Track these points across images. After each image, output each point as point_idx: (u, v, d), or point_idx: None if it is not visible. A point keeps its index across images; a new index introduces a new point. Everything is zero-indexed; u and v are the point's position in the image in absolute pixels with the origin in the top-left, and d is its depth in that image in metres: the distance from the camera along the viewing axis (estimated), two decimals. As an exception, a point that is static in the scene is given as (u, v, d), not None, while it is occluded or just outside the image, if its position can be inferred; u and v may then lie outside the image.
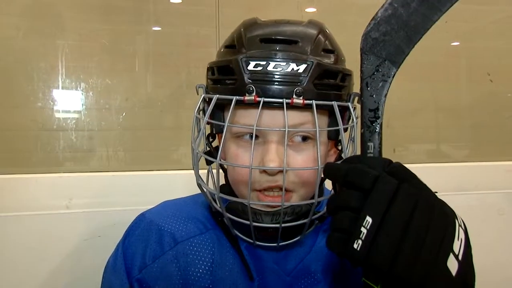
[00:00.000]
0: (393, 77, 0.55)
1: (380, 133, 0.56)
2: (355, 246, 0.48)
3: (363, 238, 0.47)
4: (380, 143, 0.56)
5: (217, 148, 0.84)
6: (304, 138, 0.76)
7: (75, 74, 1.42)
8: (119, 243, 0.86)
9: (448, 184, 1.56)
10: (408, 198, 0.49)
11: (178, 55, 1.50)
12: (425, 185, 0.53)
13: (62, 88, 1.41)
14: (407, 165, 0.54)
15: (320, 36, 0.78)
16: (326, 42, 0.78)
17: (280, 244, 0.77)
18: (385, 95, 0.55)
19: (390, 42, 0.55)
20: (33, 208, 1.27)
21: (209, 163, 0.83)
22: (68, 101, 1.43)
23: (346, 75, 0.77)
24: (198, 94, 0.80)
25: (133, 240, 0.83)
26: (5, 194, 1.27)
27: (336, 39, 0.83)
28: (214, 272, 0.79)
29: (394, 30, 0.54)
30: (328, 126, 0.78)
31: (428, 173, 1.56)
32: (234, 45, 0.78)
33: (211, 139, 0.85)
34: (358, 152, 0.60)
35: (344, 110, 0.77)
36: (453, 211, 0.54)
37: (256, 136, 0.74)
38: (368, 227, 0.48)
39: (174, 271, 0.79)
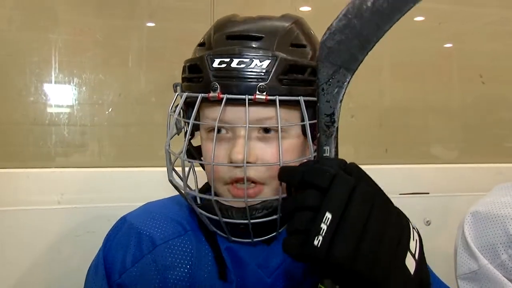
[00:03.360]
0: (348, 83, 0.57)
1: (336, 137, 0.57)
2: (315, 243, 0.47)
3: (323, 234, 0.47)
4: (337, 147, 0.57)
5: (197, 147, 0.85)
6: (269, 130, 0.76)
7: (68, 68, 1.41)
8: (100, 248, 0.86)
9: (439, 186, 1.58)
10: (366, 195, 0.50)
11: (172, 51, 1.50)
12: (378, 186, 0.54)
13: (55, 82, 1.41)
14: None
15: (290, 30, 0.77)
16: (297, 36, 0.78)
17: (256, 239, 0.78)
18: (341, 101, 0.57)
19: (344, 50, 0.57)
20: (24, 203, 1.27)
21: (191, 157, 0.84)
22: (60, 96, 1.42)
23: None
24: (175, 92, 0.81)
25: (113, 245, 0.83)
26: (-3, 188, 1.26)
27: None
28: (192, 274, 0.79)
29: (348, 39, 0.57)
30: (301, 121, 0.78)
31: (419, 174, 1.58)
32: (204, 43, 0.80)
33: (189, 137, 0.85)
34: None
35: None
36: (405, 214, 0.55)
37: (227, 131, 0.76)
38: (328, 223, 0.47)
39: (153, 274, 0.79)
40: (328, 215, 0.48)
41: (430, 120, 1.77)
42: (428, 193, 1.55)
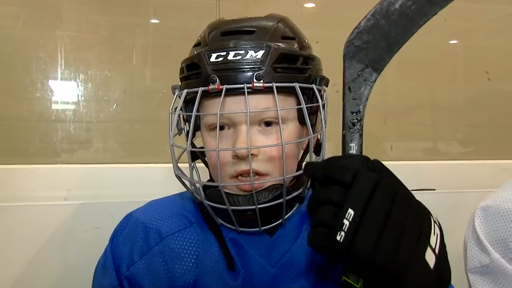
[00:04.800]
0: (374, 81, 0.58)
1: (361, 135, 0.58)
2: (338, 238, 0.49)
3: (345, 229, 0.49)
4: (362, 144, 0.58)
5: (200, 147, 0.87)
6: (269, 123, 0.79)
7: (74, 65, 1.42)
8: (108, 243, 0.88)
9: (445, 182, 1.57)
10: (387, 191, 0.51)
11: (177, 48, 1.50)
12: (400, 181, 0.55)
13: (61, 79, 1.41)
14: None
15: (278, 25, 0.82)
16: (286, 30, 0.82)
17: (263, 228, 0.80)
18: (367, 99, 0.58)
19: (371, 50, 0.58)
20: (31, 199, 1.28)
21: (194, 158, 0.87)
22: (66, 92, 1.42)
23: (309, 59, 0.81)
24: (173, 94, 0.84)
25: (121, 240, 0.86)
26: (3, 184, 1.27)
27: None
28: (199, 265, 0.81)
29: (375, 39, 0.58)
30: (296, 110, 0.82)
31: (425, 170, 1.58)
32: (199, 43, 0.84)
33: (192, 131, 0.86)
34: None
35: (312, 93, 0.81)
36: (427, 209, 0.56)
37: (228, 126, 0.80)
38: (350, 219, 0.49)
39: (161, 266, 0.81)
40: (351, 211, 0.49)
41: (435, 117, 1.76)
42: (434, 190, 1.54)
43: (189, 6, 1.53)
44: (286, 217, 0.81)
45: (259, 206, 0.76)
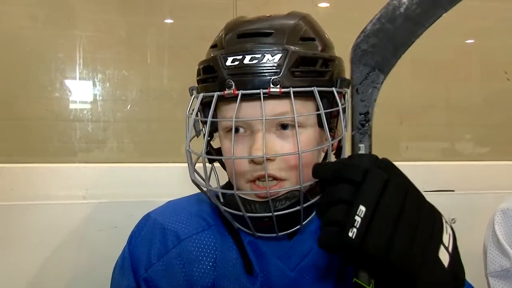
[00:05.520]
0: (381, 83, 0.59)
1: (370, 135, 0.58)
2: (350, 234, 0.48)
3: (357, 226, 0.48)
4: (371, 145, 0.58)
5: (217, 148, 0.86)
6: (286, 126, 0.77)
7: (92, 65, 1.44)
8: (126, 244, 0.88)
9: (463, 183, 1.56)
10: (399, 189, 0.51)
11: (194, 47, 1.50)
12: (410, 180, 0.54)
13: (79, 79, 1.43)
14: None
15: (298, 25, 0.79)
16: (306, 30, 0.79)
17: (281, 233, 0.78)
18: (375, 100, 0.59)
19: (378, 53, 0.59)
20: (49, 197, 1.29)
21: (210, 161, 0.86)
22: (84, 92, 1.44)
23: (329, 61, 0.78)
24: (191, 95, 0.83)
25: (139, 241, 0.85)
26: (22, 183, 1.29)
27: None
28: (217, 268, 0.80)
29: (382, 42, 0.58)
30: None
31: (442, 171, 1.56)
32: (216, 45, 0.82)
33: (208, 138, 0.85)
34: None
35: (333, 96, 0.78)
36: (437, 209, 0.56)
37: (245, 130, 0.78)
38: (362, 216, 0.48)
39: (179, 268, 0.81)
40: (362, 208, 0.49)
41: (451, 117, 1.75)
42: (453, 191, 1.53)
43: (204, 6, 1.53)
44: (304, 223, 0.79)
45: (275, 213, 0.74)
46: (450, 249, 0.53)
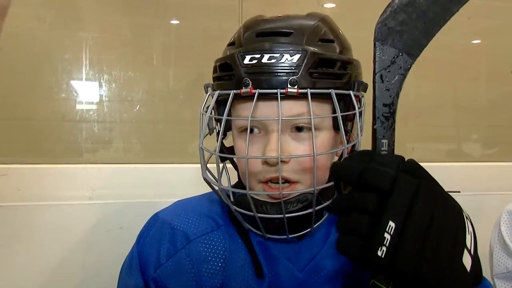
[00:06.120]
0: (409, 70, 0.52)
1: (394, 129, 0.54)
2: (379, 253, 0.46)
3: (387, 244, 0.46)
4: (394, 141, 0.54)
5: (230, 147, 0.86)
6: (301, 129, 0.76)
7: (98, 66, 1.44)
8: (134, 244, 0.87)
9: (469, 184, 1.54)
10: (428, 198, 0.48)
11: (200, 48, 1.51)
12: (437, 181, 0.52)
13: (86, 79, 1.43)
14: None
15: (317, 26, 0.78)
16: (325, 32, 0.78)
17: (291, 236, 0.77)
18: (400, 89, 0.53)
19: (407, 32, 0.51)
20: (56, 198, 1.29)
21: (222, 160, 0.85)
22: (90, 93, 1.44)
23: (347, 64, 0.76)
24: (206, 92, 0.82)
25: (147, 240, 0.85)
26: (29, 184, 1.29)
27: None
28: (226, 268, 0.80)
29: (411, 20, 0.51)
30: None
31: (449, 172, 1.55)
32: (234, 42, 0.81)
33: (222, 136, 0.84)
34: (365, 146, 0.59)
35: (349, 99, 0.76)
36: (459, 205, 0.53)
37: (259, 130, 0.77)
38: (391, 233, 0.46)
39: (188, 269, 0.80)
40: (392, 224, 0.46)
41: (458, 117, 1.74)
42: (459, 192, 1.52)
43: (210, 7, 1.53)
44: (315, 226, 0.78)
45: (287, 215, 0.73)
46: (472, 250, 0.51)
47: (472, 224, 0.54)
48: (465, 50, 1.74)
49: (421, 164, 0.52)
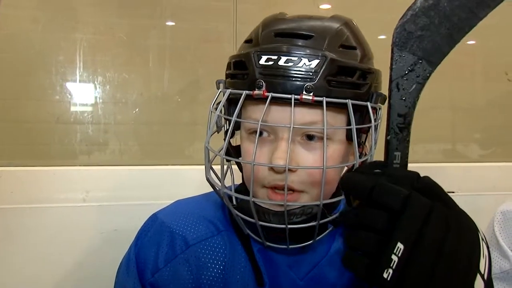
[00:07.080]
0: (428, 78, 0.49)
1: (409, 141, 0.50)
2: (385, 275, 0.44)
3: (394, 267, 0.44)
4: (408, 153, 0.51)
5: (236, 147, 0.83)
6: (312, 137, 0.72)
7: (92, 67, 1.43)
8: (132, 244, 0.85)
9: (464, 185, 1.54)
10: (441, 222, 0.46)
11: (194, 50, 1.50)
12: (453, 200, 0.50)
13: (80, 81, 1.43)
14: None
15: (340, 31, 0.74)
16: (348, 37, 0.74)
17: (291, 246, 0.74)
18: (418, 99, 0.49)
19: (428, 38, 0.48)
20: (50, 200, 1.28)
21: (227, 160, 0.81)
22: (85, 95, 1.44)
23: (367, 73, 0.73)
24: (217, 89, 0.79)
25: (145, 242, 0.82)
26: (23, 186, 1.28)
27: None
28: (225, 275, 0.78)
29: (433, 24, 0.48)
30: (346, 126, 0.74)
31: (444, 172, 1.55)
32: (251, 40, 0.77)
33: (230, 136, 0.81)
34: (377, 157, 0.56)
35: (366, 110, 0.73)
36: (475, 225, 0.51)
37: (269, 134, 0.73)
38: (399, 255, 0.44)
39: (186, 275, 0.78)
40: (400, 246, 0.44)
41: (454, 118, 1.74)
42: (453, 192, 1.52)
43: (205, 8, 1.53)
44: (318, 238, 0.75)
45: (289, 226, 0.70)
46: (485, 275, 0.49)
47: (488, 246, 0.52)
48: (460, 50, 1.73)
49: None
